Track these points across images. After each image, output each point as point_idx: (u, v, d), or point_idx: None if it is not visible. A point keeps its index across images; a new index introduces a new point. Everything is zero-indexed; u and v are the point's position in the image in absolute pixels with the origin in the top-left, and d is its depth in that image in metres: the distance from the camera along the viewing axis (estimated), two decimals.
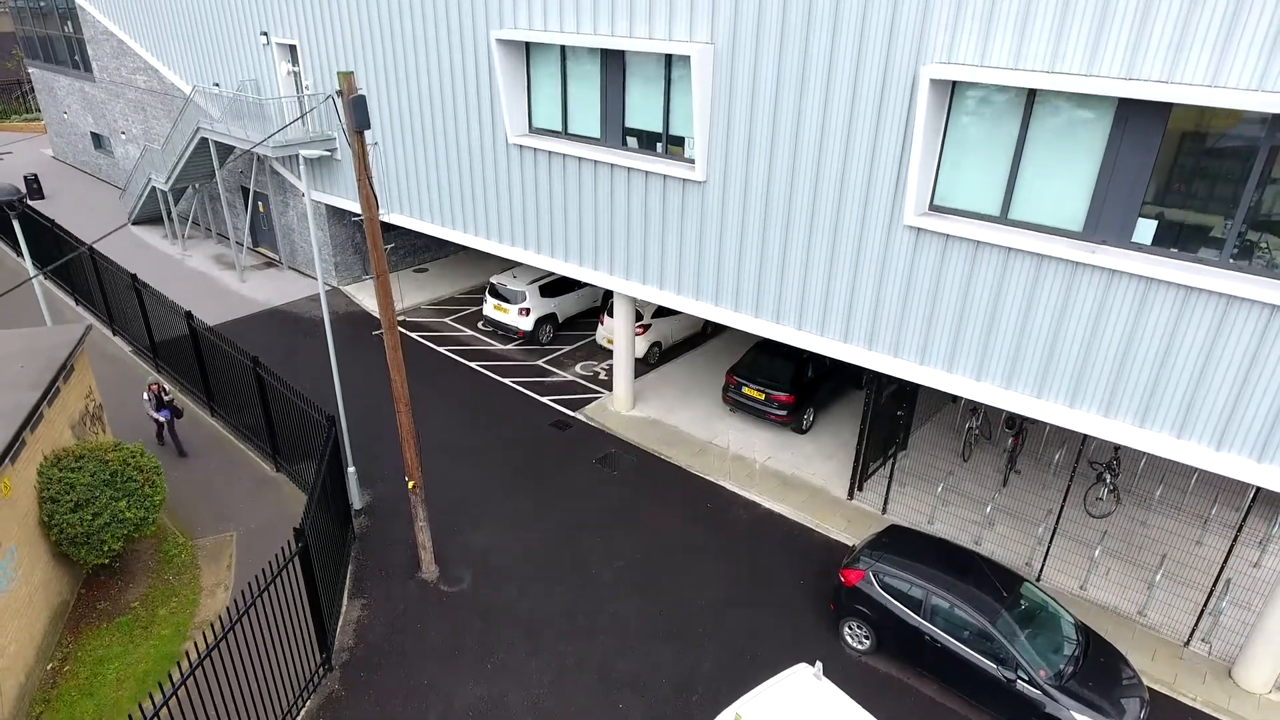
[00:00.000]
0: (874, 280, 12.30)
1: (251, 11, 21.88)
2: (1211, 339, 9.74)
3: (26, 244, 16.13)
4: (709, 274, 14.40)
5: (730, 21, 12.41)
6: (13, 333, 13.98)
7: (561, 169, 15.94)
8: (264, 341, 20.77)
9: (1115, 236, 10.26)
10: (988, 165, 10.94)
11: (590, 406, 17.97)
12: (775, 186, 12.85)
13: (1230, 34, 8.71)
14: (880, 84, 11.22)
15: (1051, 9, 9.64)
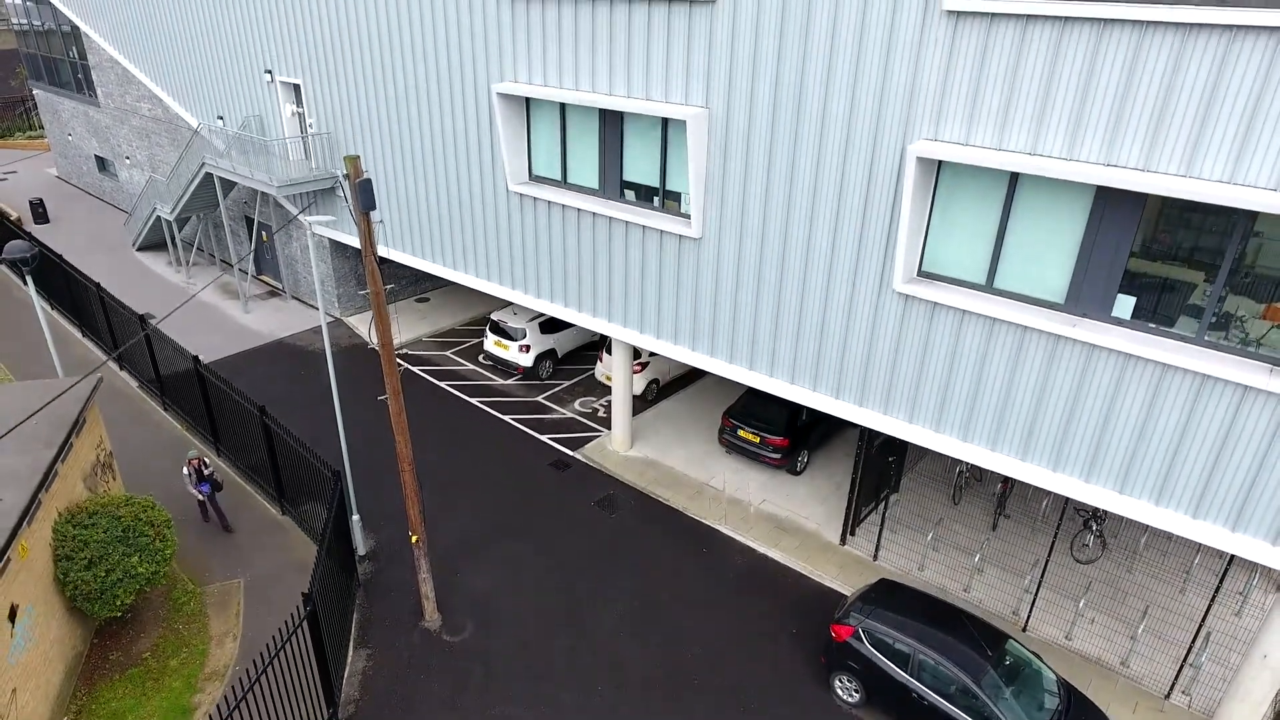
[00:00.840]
0: (864, 341, 12.66)
1: (256, 50, 22.23)
2: (1187, 414, 10.10)
3: (35, 284, 16.47)
4: (704, 326, 14.76)
5: (725, 91, 12.76)
6: (26, 385, 14.33)
7: (561, 218, 16.29)
8: (268, 375, 21.14)
9: (1096, 310, 10.62)
10: (973, 237, 11.30)
11: (589, 446, 18.33)
12: (769, 248, 13.21)
13: (1203, 128, 9.06)
14: (869, 158, 11.58)
15: (1033, 97, 10.00)
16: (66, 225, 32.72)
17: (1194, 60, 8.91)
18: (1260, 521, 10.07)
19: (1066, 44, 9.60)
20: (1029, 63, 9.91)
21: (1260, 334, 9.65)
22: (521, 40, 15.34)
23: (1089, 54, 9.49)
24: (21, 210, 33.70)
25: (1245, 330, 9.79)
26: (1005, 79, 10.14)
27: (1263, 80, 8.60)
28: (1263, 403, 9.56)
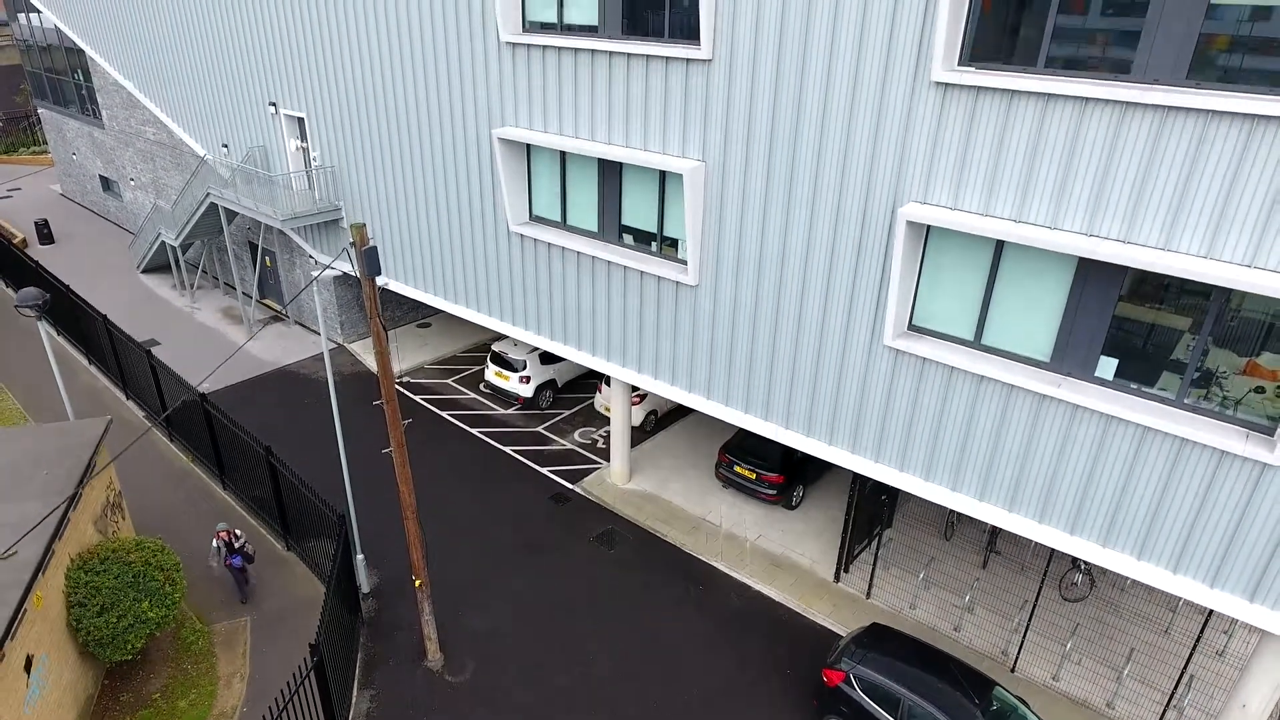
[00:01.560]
0: (856, 392, 12.98)
1: (261, 82, 22.55)
2: (1167, 474, 10.43)
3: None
4: (700, 369, 15.08)
5: (721, 146, 13.09)
6: (36, 428, 14.65)
7: (560, 259, 16.62)
8: (273, 405, 21.47)
9: (1080, 370, 10.94)
10: (962, 295, 11.62)
11: (588, 479, 18.66)
12: (764, 298, 13.54)
13: (1181, 204, 9.39)
14: (861, 217, 11.90)
15: (1018, 168, 10.32)
16: (71, 246, 33.05)
17: (1172, 140, 9.23)
18: (1238, 579, 10.39)
19: (1050, 119, 9.93)
20: (1014, 135, 10.24)
21: (1240, 393, 9.95)
22: (523, 88, 15.66)
23: (1072, 129, 9.82)
24: (27, 230, 34.06)
25: (1225, 390, 10.10)
26: (992, 149, 10.47)
27: (1237, 161, 8.93)
28: (1239, 467, 9.88)
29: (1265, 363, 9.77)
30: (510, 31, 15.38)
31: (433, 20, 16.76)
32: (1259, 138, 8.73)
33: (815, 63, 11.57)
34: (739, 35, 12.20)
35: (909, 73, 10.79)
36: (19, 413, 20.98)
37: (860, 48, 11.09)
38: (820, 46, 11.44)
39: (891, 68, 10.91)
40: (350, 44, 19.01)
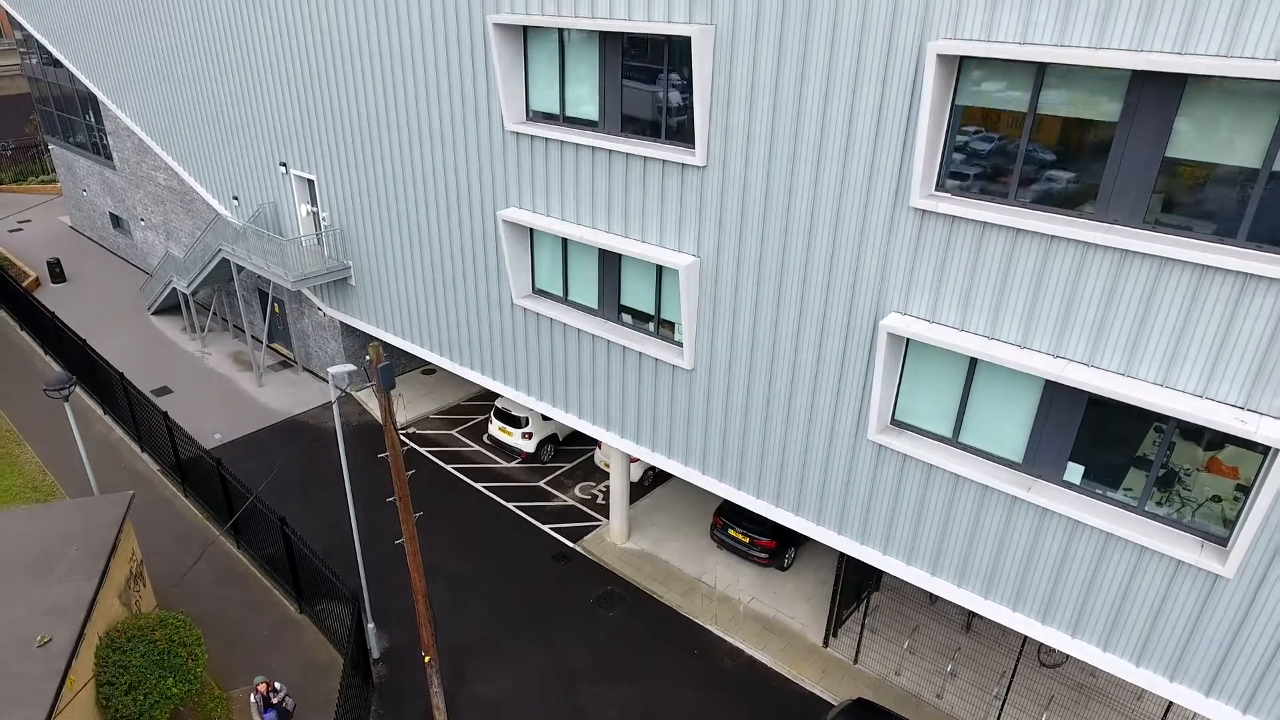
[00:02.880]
0: (841, 481, 13.72)
1: (272, 143, 23.27)
2: (1129, 576, 11.16)
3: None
4: (695, 446, 15.81)
5: (715, 245, 13.82)
6: (61, 505, 15.38)
7: (562, 333, 17.35)
8: (283, 456, 22.17)
9: (1049, 473, 11.67)
10: (940, 397, 12.35)
11: (588, 538, 19.39)
12: (755, 388, 14.27)
13: (1139, 336, 10.12)
14: (845, 322, 12.64)
15: (991, 290, 11.05)
16: (82, 284, 33.78)
17: (1130, 278, 9.97)
18: (1195, 675, 11.12)
19: (1019, 250, 10.66)
20: (987, 260, 10.97)
21: (1201, 495, 10.63)
22: (526, 174, 16.40)
23: (1039, 261, 10.55)
24: (39, 269, 34.79)
25: (1187, 489, 10.80)
26: (966, 271, 11.20)
27: (1189, 301, 9.66)
28: (1194, 575, 10.62)
29: (1225, 459, 10.46)
30: (514, 121, 16.12)
31: (440, 105, 17.49)
32: (1208, 284, 9.46)
33: (802, 179, 12.31)
34: (731, 148, 12.94)
35: (889, 197, 11.53)
36: (38, 467, 21.69)
37: (844, 171, 11.83)
38: (807, 166, 12.18)
39: (873, 192, 11.64)
40: (361, 116, 19.74)
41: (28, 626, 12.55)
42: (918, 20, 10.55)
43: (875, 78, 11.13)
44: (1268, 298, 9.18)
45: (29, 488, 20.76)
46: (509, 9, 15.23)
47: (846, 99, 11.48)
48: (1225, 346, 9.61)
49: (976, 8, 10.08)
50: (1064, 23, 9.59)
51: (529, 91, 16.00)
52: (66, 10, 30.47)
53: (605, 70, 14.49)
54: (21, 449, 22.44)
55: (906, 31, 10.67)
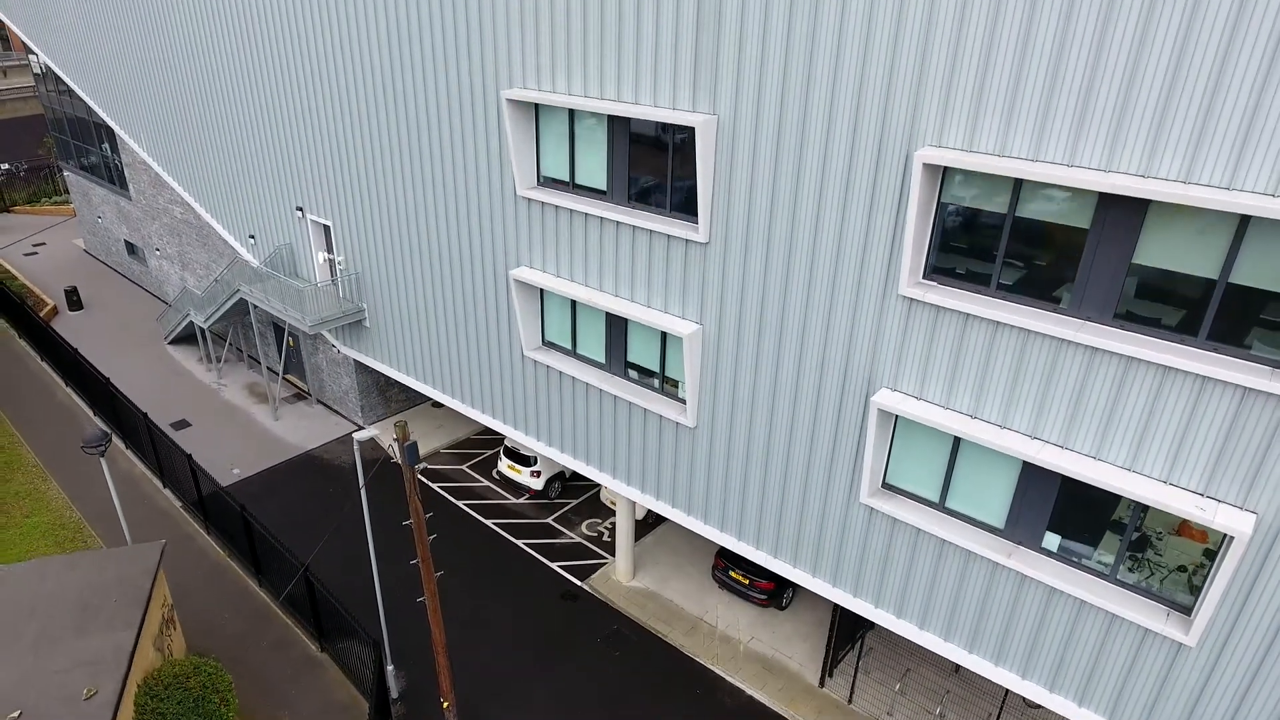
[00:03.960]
0: (835, 538, 14.56)
1: (288, 187, 24.10)
2: (1101, 640, 12.00)
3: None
4: (697, 497, 16.65)
5: (716, 315, 14.66)
6: (97, 555, 16.21)
7: (571, 385, 18.19)
8: (300, 493, 23.02)
9: (1029, 540, 12.51)
10: (928, 465, 13.19)
11: (595, 576, 20.23)
12: (755, 449, 15.11)
13: (1109, 424, 10.96)
14: (839, 395, 13.49)
15: (974, 373, 11.90)
16: (99, 312, 34.61)
17: (1100, 371, 10.80)
18: None
19: (999, 339, 11.50)
20: (970, 347, 11.81)
21: (1171, 561, 11.44)
22: (537, 237, 17.24)
23: (1018, 350, 11.39)
24: (56, 296, 35.63)
25: (1158, 554, 11.63)
26: (951, 355, 12.04)
27: (1154, 395, 10.49)
28: (1159, 643, 11.46)
29: (1195, 524, 11.23)
30: (525, 186, 16.95)
31: (454, 166, 18.32)
32: (1170, 382, 10.30)
33: (799, 262, 13.15)
34: (732, 229, 13.78)
35: (880, 283, 12.37)
36: (65, 503, 22.53)
37: (837, 257, 12.66)
38: (803, 251, 13.02)
39: (864, 278, 12.48)
40: (378, 169, 20.58)
41: (72, 679, 13.39)
42: (906, 126, 11.39)
43: (867, 174, 11.96)
44: (1224, 398, 10.01)
45: (57, 525, 21.62)
46: (521, 84, 16.07)
47: (840, 191, 12.31)
48: (1187, 438, 10.45)
49: (960, 119, 10.91)
50: (1039, 139, 10.42)
51: (540, 159, 16.83)
52: (85, 46, 31.29)
53: (613, 145, 15.32)
54: (48, 485, 23.29)
55: (895, 136, 11.50)
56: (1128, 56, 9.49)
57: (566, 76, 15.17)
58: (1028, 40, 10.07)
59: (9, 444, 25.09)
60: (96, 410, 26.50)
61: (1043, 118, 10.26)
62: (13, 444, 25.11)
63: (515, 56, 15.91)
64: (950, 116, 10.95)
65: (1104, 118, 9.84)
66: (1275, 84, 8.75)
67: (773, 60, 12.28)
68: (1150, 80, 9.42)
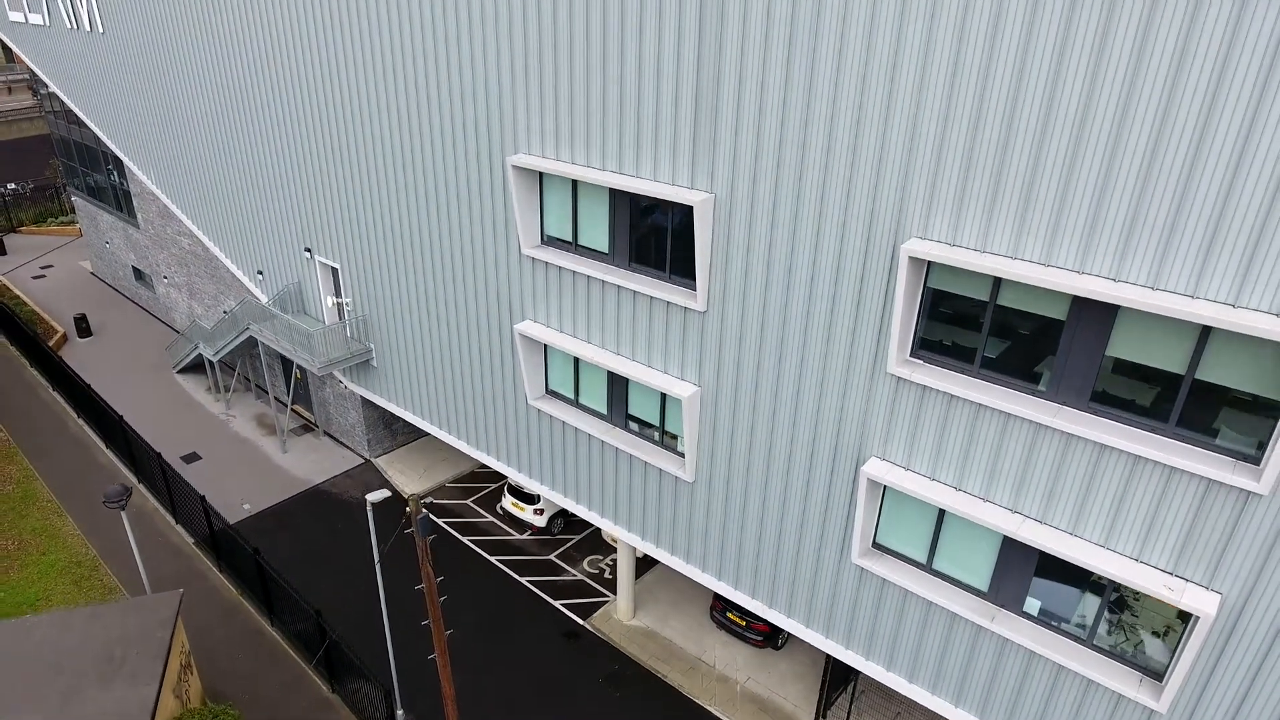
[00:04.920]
0: (828, 593, 15.19)
1: (297, 228, 24.69)
2: (1078, 703, 12.64)
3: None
4: (696, 547, 17.28)
5: (714, 377, 15.29)
6: (118, 606, 16.82)
7: (574, 434, 18.81)
8: (309, 530, 23.63)
9: (1011, 604, 13.15)
10: (916, 529, 13.81)
11: (597, 615, 20.87)
12: (750, 506, 15.75)
13: (1086, 495, 11.59)
14: (831, 460, 14.11)
15: (958, 449, 12.52)
16: (108, 338, 35.20)
17: (1076, 454, 11.43)
18: None
19: (981, 419, 12.13)
20: (954, 424, 12.43)
21: (1148, 622, 12.06)
22: (541, 294, 17.85)
23: (999, 430, 12.01)
24: (64, 320, 36.22)
25: (1134, 616, 12.25)
26: (937, 430, 12.66)
27: (1126, 479, 11.12)
28: (1133, 708, 12.10)
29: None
30: (529, 245, 17.55)
31: (461, 222, 18.91)
32: (1141, 468, 10.93)
33: (792, 338, 13.77)
34: (729, 303, 14.40)
35: (869, 361, 12.99)
36: (80, 540, 23.13)
37: (829, 333, 13.29)
38: (796, 327, 13.64)
39: (854, 355, 13.10)
40: (386, 218, 21.17)
41: None
42: (893, 217, 12.00)
43: (856, 259, 12.57)
44: (1190, 486, 10.64)
45: (73, 563, 22.23)
46: (526, 150, 16.67)
47: (831, 273, 12.93)
48: (1157, 519, 11.08)
49: (944, 214, 11.52)
50: (1018, 237, 11.03)
51: (544, 219, 17.44)
52: (95, 81, 31.85)
53: (615, 210, 15.91)
54: (63, 521, 23.89)
55: (883, 226, 12.11)
56: (1100, 166, 10.10)
57: (570, 147, 15.77)
58: (1007, 145, 10.69)
59: (25, 478, 25.70)
60: (109, 444, 27.09)
61: (1021, 217, 10.88)
62: (28, 478, 25.72)
63: (521, 125, 16.51)
64: (935, 211, 11.56)
65: (1078, 221, 10.45)
66: (1238, 197, 9.36)
67: (767, 149, 12.89)
68: (1121, 190, 10.04)
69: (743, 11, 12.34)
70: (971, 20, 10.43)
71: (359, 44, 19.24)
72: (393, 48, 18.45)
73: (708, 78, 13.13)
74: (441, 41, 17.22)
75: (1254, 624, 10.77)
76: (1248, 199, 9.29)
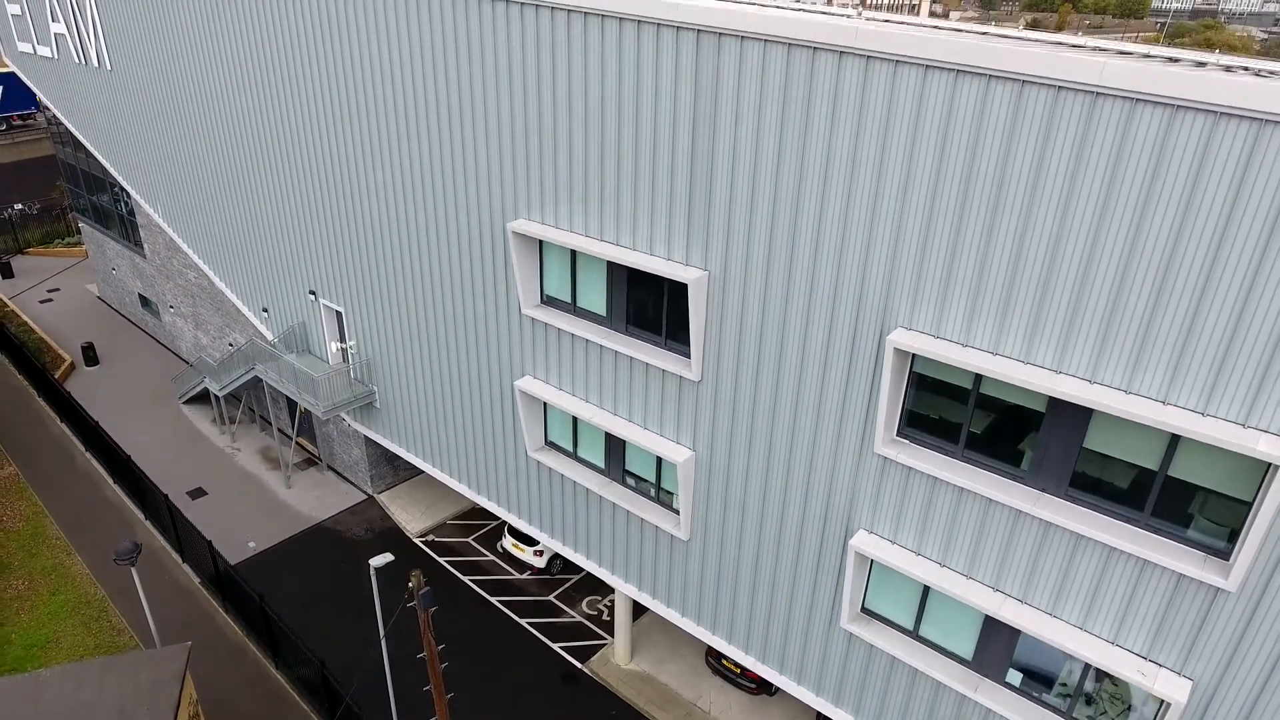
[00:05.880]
0: (819, 654, 15.64)
1: (302, 272, 25.14)
2: None
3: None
4: (691, 601, 17.72)
5: (709, 442, 15.72)
6: (128, 659, 17.27)
7: (572, 486, 19.26)
8: (313, 570, 24.08)
9: (994, 673, 13.58)
10: (902, 598, 14.25)
11: (594, 659, 21.31)
12: (744, 568, 16.19)
13: (1065, 579, 12.02)
14: (820, 534, 14.56)
15: (941, 528, 12.96)
16: (115, 367, 35.66)
17: (1055, 540, 11.86)
18: None
19: (964, 501, 12.56)
20: (938, 504, 12.87)
21: (1126, 695, 12.49)
22: (540, 351, 18.29)
23: (981, 512, 12.45)
24: (70, 347, 36.68)
25: (1114, 684, 12.68)
26: (921, 509, 13.11)
27: (1102, 567, 11.56)
28: None
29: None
30: (529, 305, 17.99)
31: (462, 281, 19.34)
32: (1116, 557, 11.36)
33: (783, 414, 14.21)
34: (722, 376, 14.84)
35: (857, 440, 13.43)
36: (89, 579, 23.60)
37: (819, 411, 13.73)
38: (787, 404, 14.08)
39: (843, 434, 13.55)
40: (390, 269, 21.61)
41: None
42: (879, 306, 12.43)
43: (844, 344, 13.01)
44: (1163, 577, 11.07)
45: (82, 603, 22.70)
46: (526, 216, 17.11)
47: (820, 356, 13.37)
48: (1132, 605, 11.52)
49: (928, 306, 11.95)
50: (999, 333, 11.46)
51: (543, 281, 17.88)
52: (106, 117, 32.32)
53: (612, 276, 16.34)
54: (72, 559, 24.37)
55: (870, 314, 12.55)
56: (1076, 274, 10.54)
57: (569, 217, 16.20)
58: (988, 248, 11.12)
59: (34, 515, 26.19)
60: (117, 479, 27.56)
61: (1002, 315, 11.31)
62: (37, 514, 26.20)
63: (522, 192, 16.94)
64: (919, 303, 12.00)
65: (1056, 322, 10.89)
66: (1207, 310, 9.77)
67: (759, 236, 13.33)
68: (1096, 295, 10.47)
69: (734, 117, 12.78)
70: (951, 139, 10.87)
71: (367, 103, 19.67)
72: (402, 117, 18.88)
73: (701, 170, 13.56)
74: (449, 111, 17.65)
75: (1224, 710, 11.20)
76: (1216, 312, 9.72)
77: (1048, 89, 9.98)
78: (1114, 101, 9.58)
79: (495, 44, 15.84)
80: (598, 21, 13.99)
